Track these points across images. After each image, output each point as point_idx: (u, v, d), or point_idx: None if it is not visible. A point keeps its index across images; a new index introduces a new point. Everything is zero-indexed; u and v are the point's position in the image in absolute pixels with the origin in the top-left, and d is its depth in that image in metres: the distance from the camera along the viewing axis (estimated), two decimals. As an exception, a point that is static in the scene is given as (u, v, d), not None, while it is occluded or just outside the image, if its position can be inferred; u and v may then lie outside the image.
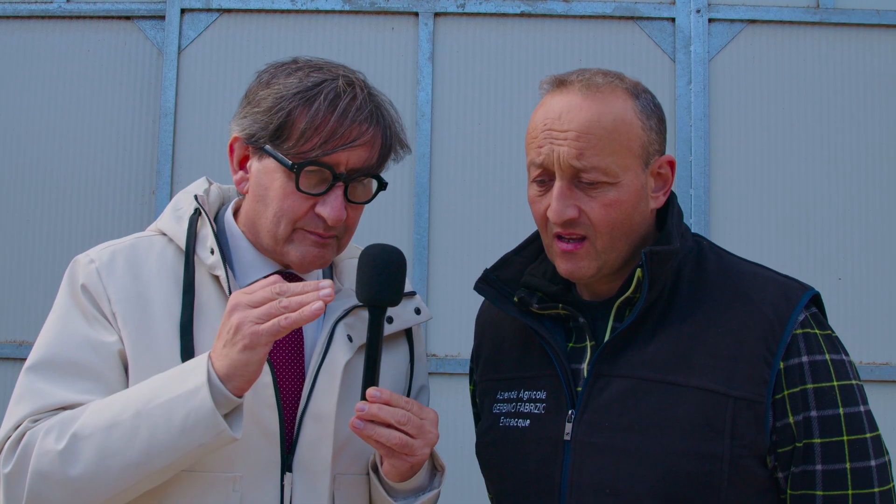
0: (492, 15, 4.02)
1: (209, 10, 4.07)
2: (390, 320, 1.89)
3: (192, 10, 4.07)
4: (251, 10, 4.07)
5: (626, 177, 1.72)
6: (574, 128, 1.70)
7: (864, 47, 3.95)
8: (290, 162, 1.72)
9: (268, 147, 1.74)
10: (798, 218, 3.91)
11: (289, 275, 1.86)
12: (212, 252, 1.77)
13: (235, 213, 1.90)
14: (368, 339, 1.69)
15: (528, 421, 1.80)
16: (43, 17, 4.13)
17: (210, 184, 1.96)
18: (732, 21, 3.97)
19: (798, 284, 1.75)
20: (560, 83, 1.77)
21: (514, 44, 4.03)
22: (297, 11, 4.06)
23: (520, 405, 1.83)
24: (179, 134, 4.04)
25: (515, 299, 1.86)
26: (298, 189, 1.72)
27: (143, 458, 1.56)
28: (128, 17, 4.13)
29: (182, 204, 1.87)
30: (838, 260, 3.88)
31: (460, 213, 3.98)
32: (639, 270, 1.72)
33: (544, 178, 1.76)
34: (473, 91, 4.02)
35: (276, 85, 1.75)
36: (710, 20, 3.96)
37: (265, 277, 1.82)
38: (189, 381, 1.55)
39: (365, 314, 1.78)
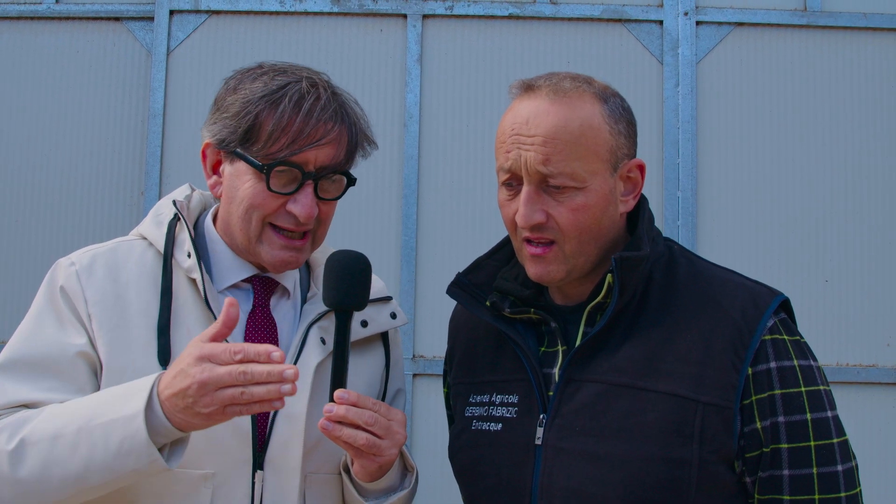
0: (480, 17, 4.02)
1: (198, 11, 4.07)
2: (365, 324, 1.92)
3: (180, 11, 4.07)
4: (240, 12, 4.07)
5: (594, 181, 1.73)
6: (541, 133, 1.71)
7: (851, 50, 3.95)
8: (261, 163, 1.77)
9: (238, 150, 1.79)
10: (785, 220, 3.91)
11: (265, 278, 1.90)
12: (188, 256, 1.82)
13: (215, 219, 1.94)
14: (335, 343, 1.72)
15: (500, 425, 1.81)
16: (32, 18, 4.13)
17: (192, 190, 2.02)
18: (720, 24, 3.98)
19: (767, 290, 1.75)
20: (528, 87, 1.78)
21: (502, 46, 4.03)
22: (286, 13, 4.06)
23: (492, 409, 1.84)
24: (168, 135, 4.04)
25: (488, 303, 1.87)
26: (269, 189, 1.77)
27: (81, 474, 1.60)
28: (116, 19, 4.13)
29: (163, 209, 1.92)
30: (825, 262, 3.88)
31: (448, 214, 3.98)
32: (609, 276, 1.72)
33: (512, 183, 1.77)
34: (462, 93, 4.02)
35: (243, 90, 1.80)
36: (698, 23, 3.96)
37: (243, 281, 1.89)
38: (129, 405, 1.58)
39: None
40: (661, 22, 3.98)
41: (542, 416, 1.75)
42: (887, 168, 3.91)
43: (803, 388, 1.67)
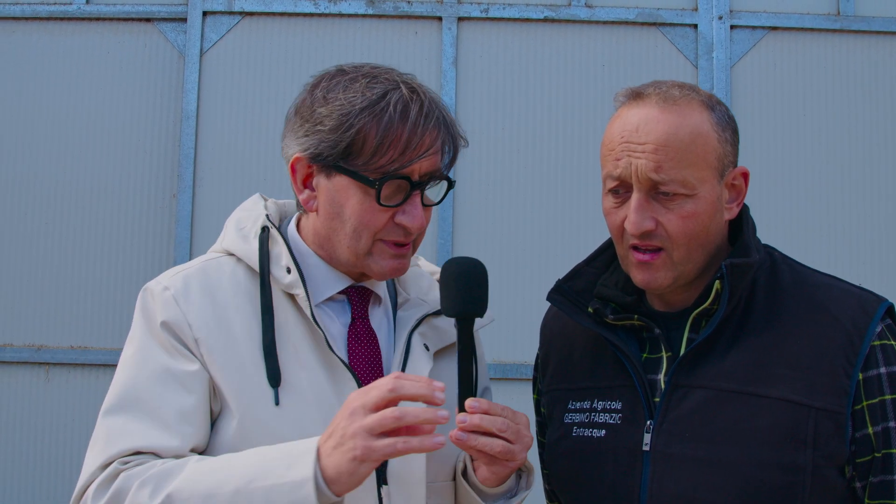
0: (515, 20, 4.04)
1: (231, 12, 4.05)
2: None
3: (213, 12, 4.05)
4: (273, 14, 4.06)
5: (703, 189, 1.74)
6: (652, 140, 1.72)
7: (884, 54, 4.00)
8: (371, 178, 1.71)
9: (340, 164, 1.72)
10: (818, 223, 3.95)
11: (360, 288, 1.86)
12: (288, 271, 1.76)
13: (298, 229, 1.89)
14: (461, 351, 1.69)
15: (604, 431, 1.81)
16: (62, 19, 4.10)
17: (265, 200, 1.94)
18: (754, 28, 4.01)
19: (873, 296, 1.77)
20: (636, 95, 1.78)
21: (537, 49, 4.04)
22: (320, 15, 4.05)
23: (594, 415, 1.84)
24: (201, 137, 4.02)
25: (590, 310, 1.87)
26: (380, 203, 1.72)
27: None
28: (148, 20, 4.11)
29: (245, 223, 1.85)
30: (859, 264, 3.93)
31: (484, 215, 3.99)
32: (717, 282, 1.73)
33: (619, 190, 1.77)
34: (497, 96, 4.03)
35: (337, 100, 1.71)
36: (732, 27, 4.00)
37: (340, 293, 1.84)
38: (295, 470, 1.54)
39: (437, 322, 1.85)
40: (695, 26, 4.00)
41: (648, 423, 1.76)
42: (919, 171, 3.96)
43: (912, 394, 1.69)
